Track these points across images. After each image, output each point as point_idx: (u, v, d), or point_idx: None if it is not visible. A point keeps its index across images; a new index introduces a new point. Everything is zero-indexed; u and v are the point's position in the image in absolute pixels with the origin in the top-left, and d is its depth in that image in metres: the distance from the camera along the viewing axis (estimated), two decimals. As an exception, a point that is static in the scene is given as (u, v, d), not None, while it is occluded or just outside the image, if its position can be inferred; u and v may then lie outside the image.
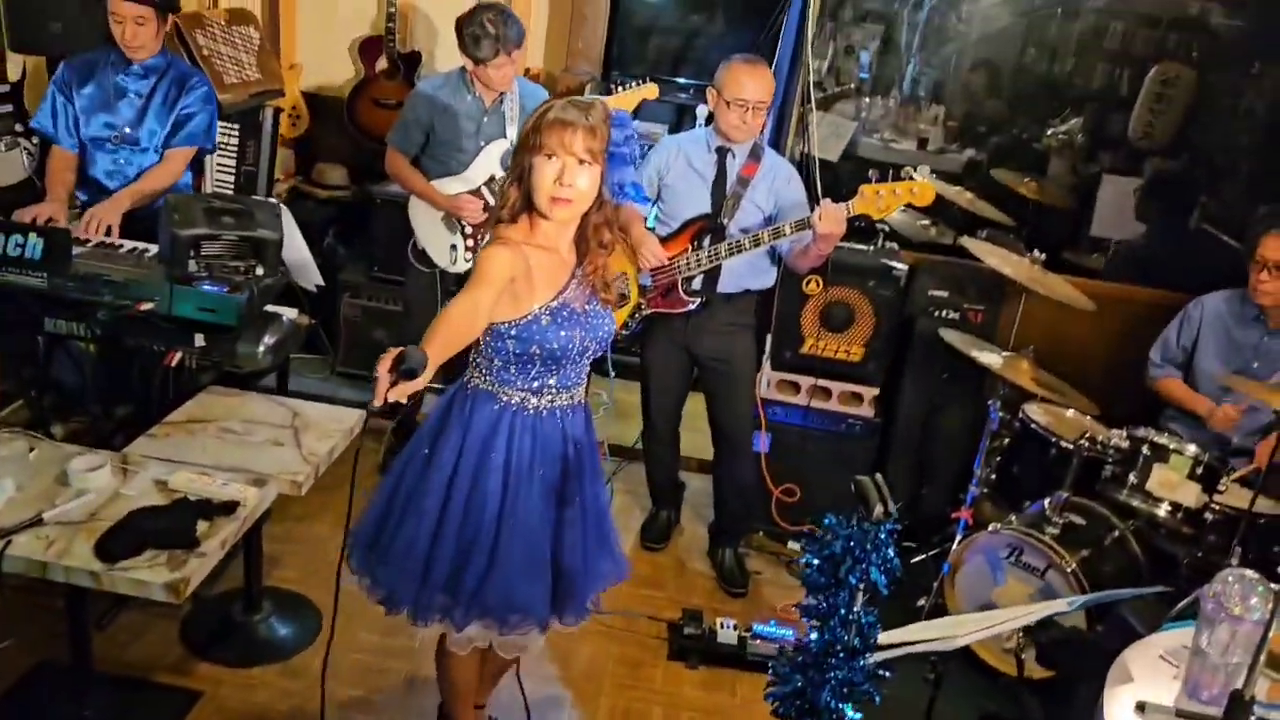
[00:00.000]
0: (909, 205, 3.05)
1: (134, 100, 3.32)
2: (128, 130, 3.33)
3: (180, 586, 2.17)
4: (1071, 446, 3.16)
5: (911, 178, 3.01)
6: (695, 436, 3.84)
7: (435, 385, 4.22)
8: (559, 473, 2.25)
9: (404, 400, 1.88)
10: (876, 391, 3.75)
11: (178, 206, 2.69)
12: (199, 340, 2.79)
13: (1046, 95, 4.54)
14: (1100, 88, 4.57)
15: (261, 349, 2.93)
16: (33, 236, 2.63)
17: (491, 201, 3.59)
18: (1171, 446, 3.07)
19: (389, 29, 4.80)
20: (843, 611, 1.61)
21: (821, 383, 3.73)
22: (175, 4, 3.27)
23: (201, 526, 2.34)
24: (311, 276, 3.16)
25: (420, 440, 2.27)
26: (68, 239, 2.68)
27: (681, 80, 4.89)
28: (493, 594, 2.17)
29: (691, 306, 3.34)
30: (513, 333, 2.11)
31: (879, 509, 1.58)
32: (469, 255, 3.69)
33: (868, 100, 4.76)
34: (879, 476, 1.68)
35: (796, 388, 3.76)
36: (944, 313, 3.79)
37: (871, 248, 3.77)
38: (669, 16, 4.97)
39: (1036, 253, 3.34)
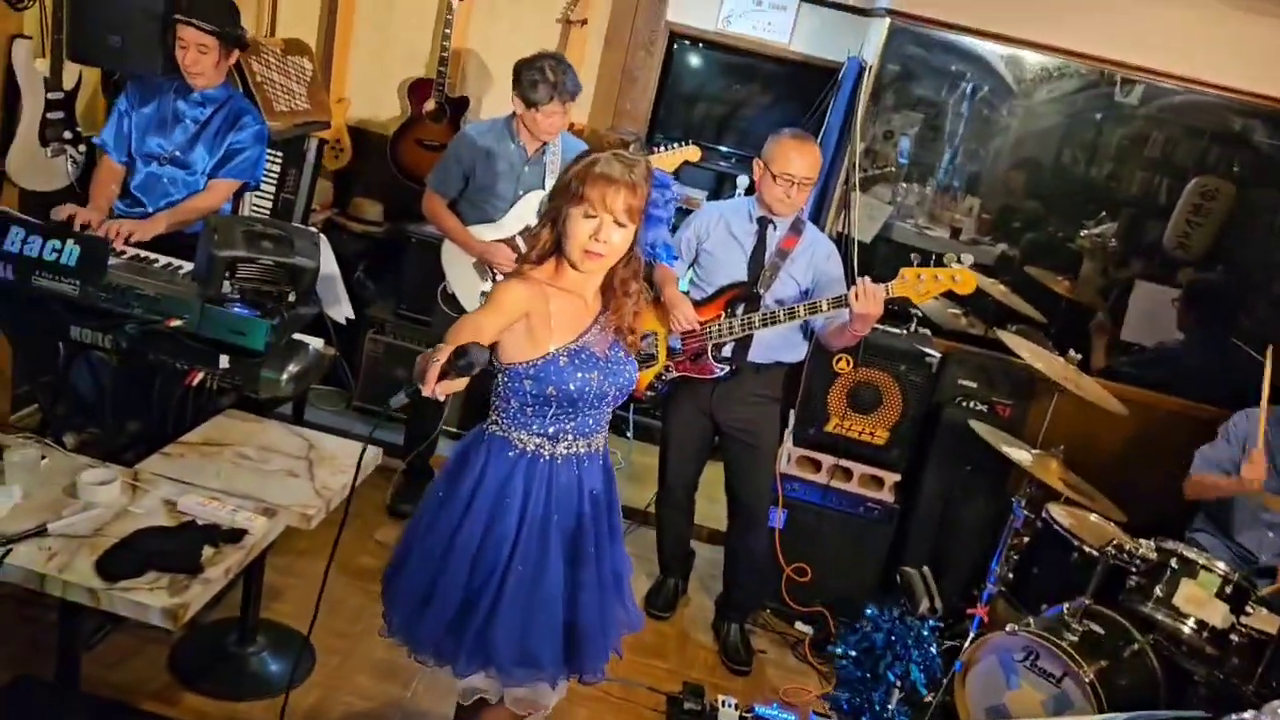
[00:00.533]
0: (947, 293, 3.02)
1: (189, 126, 3.34)
2: (178, 154, 3.33)
3: (179, 613, 2.11)
4: (1096, 553, 3.09)
5: (954, 265, 2.98)
6: (709, 505, 3.79)
7: (450, 429, 4.22)
8: (575, 527, 2.20)
9: (442, 398, 1.86)
10: (898, 477, 3.69)
11: (219, 227, 2.68)
12: (223, 362, 2.76)
13: (1083, 197, 4.53)
14: (1137, 194, 4.56)
15: (285, 377, 2.90)
16: (70, 243, 2.62)
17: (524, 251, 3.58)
18: (1201, 562, 2.99)
19: (440, 72, 4.84)
20: (876, 708, 1.54)
21: (843, 463, 3.67)
22: (242, 41, 3.28)
23: (207, 552, 2.29)
24: (343, 309, 3.14)
25: (436, 483, 2.25)
26: (105, 249, 2.66)
27: (724, 148, 4.92)
28: (498, 643, 2.11)
29: (719, 373, 3.30)
30: (530, 373, 2.09)
31: (925, 603, 1.52)
32: None
33: (904, 185, 4.77)
34: (927, 570, 1.62)
35: (817, 465, 3.71)
36: (972, 404, 3.74)
37: (904, 331, 3.74)
38: (716, 85, 5.01)
39: (1072, 352, 3.30)
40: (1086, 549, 3.18)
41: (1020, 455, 3.12)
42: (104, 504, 2.39)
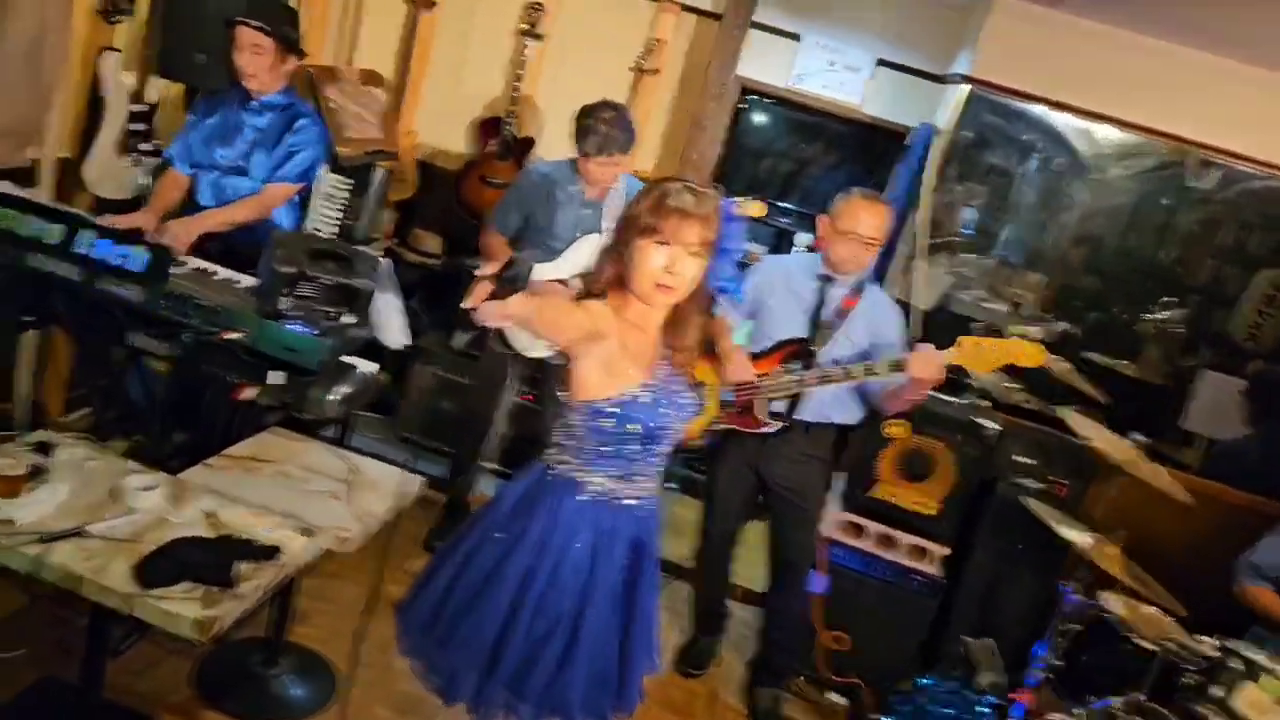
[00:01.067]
0: (1007, 366, 2.94)
1: (249, 135, 3.38)
2: (239, 163, 3.38)
3: (209, 625, 2.08)
4: (1154, 648, 2.95)
5: (1020, 337, 2.90)
6: (745, 566, 3.70)
7: (492, 466, 4.19)
8: (630, 574, 2.15)
9: (490, 324, 1.88)
10: (946, 550, 3.57)
11: (283, 242, 2.69)
12: (274, 378, 2.75)
13: (1150, 279, 4.45)
14: (1206, 282, 4.47)
15: (334, 397, 2.89)
16: (139, 249, 2.64)
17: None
18: (1265, 664, 2.85)
19: (510, 112, 4.89)
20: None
21: (889, 531, 3.57)
22: (297, 44, 3.32)
23: (242, 567, 2.25)
24: (399, 335, 3.13)
25: (493, 523, 2.17)
26: (169, 257, 2.68)
27: (787, 205, 4.89)
28: (562, 694, 2.06)
29: (769, 429, 3.24)
30: (609, 410, 2.04)
31: (989, 677, 1.43)
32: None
33: (966, 256, 4.71)
34: (992, 642, 1.54)
35: (862, 531, 3.61)
36: (1028, 481, 3.63)
37: (961, 401, 3.65)
38: (784, 142, 5.01)
39: (1139, 436, 3.19)
40: (1142, 643, 3.04)
41: (1080, 538, 3.01)
42: (145, 510, 2.37)
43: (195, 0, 3.44)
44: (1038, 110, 3.97)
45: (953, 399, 3.65)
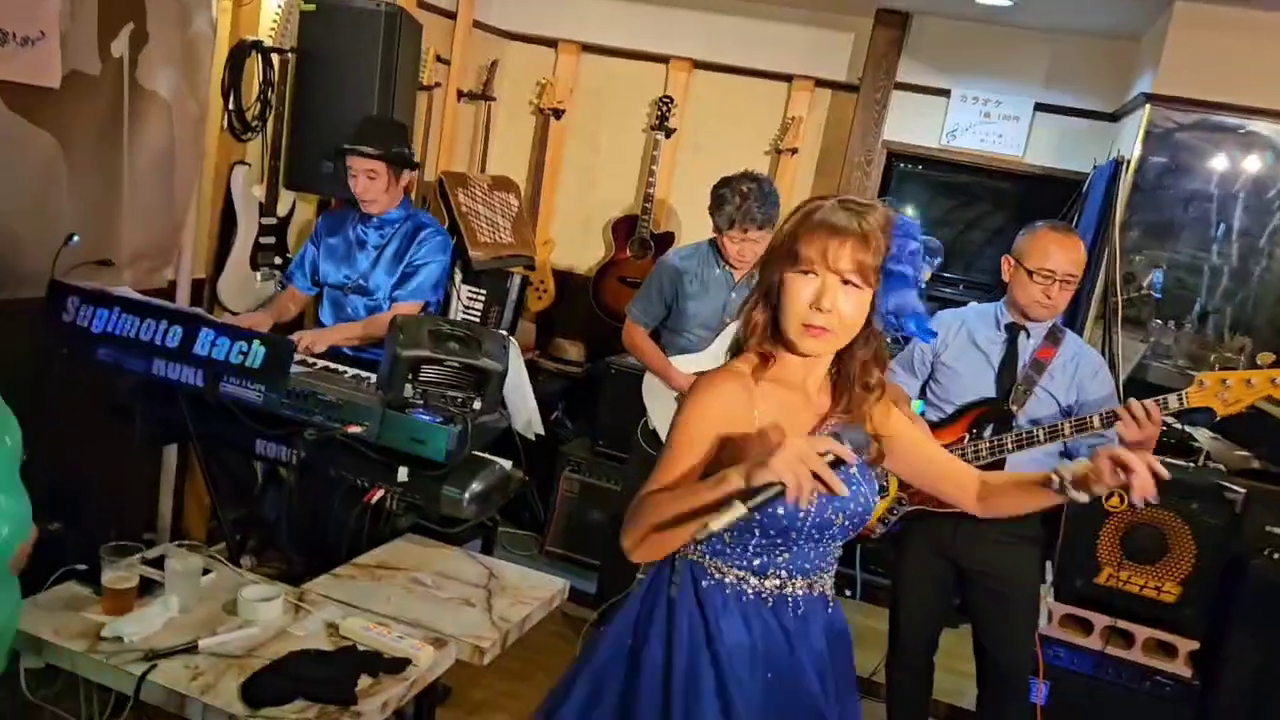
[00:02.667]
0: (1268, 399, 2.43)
1: (370, 252, 3.26)
2: (361, 281, 3.26)
3: (324, 750, 1.78)
4: None
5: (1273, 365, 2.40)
6: (948, 677, 3.17)
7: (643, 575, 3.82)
8: (791, 690, 1.71)
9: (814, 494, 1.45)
10: (1195, 645, 2.97)
11: (404, 326, 2.49)
12: (402, 474, 2.51)
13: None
14: None
15: (468, 495, 2.62)
16: (256, 344, 2.49)
17: None
18: None
19: (645, 208, 4.73)
20: None
21: (1121, 624, 3.00)
22: (410, 161, 3.18)
23: (364, 682, 1.97)
24: (533, 424, 2.88)
25: (623, 629, 1.80)
26: (289, 350, 2.53)
27: (950, 275, 4.49)
28: None
29: None
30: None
31: None
32: None
33: (1159, 322, 4.15)
34: None
35: (1087, 627, 3.05)
36: (1286, 556, 3.01)
37: (1192, 465, 3.10)
38: (941, 205, 4.62)
39: None
40: None
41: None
42: (263, 623, 2.14)
43: (322, 111, 3.41)
44: (1234, 120, 3.49)
45: (1181, 463, 3.10)
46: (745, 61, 4.65)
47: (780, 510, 1.61)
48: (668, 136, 4.72)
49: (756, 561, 1.70)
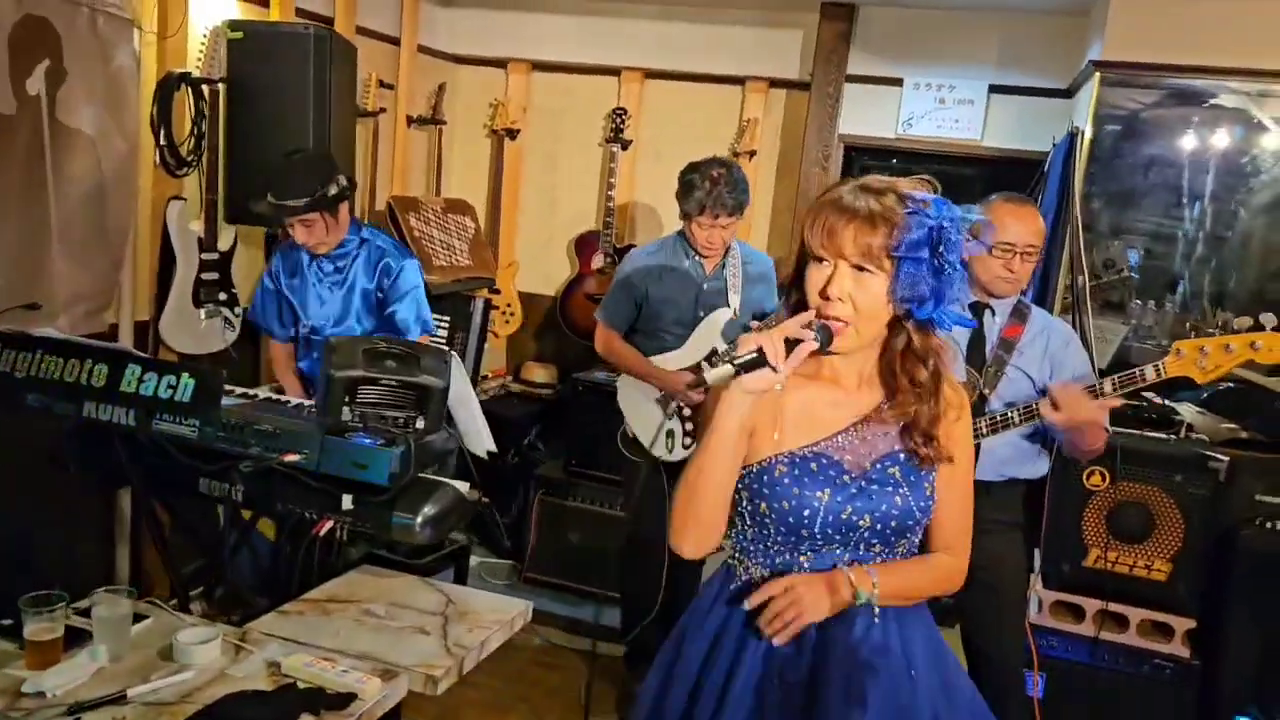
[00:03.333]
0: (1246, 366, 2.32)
1: (331, 289, 3.16)
2: (333, 321, 3.15)
3: (258, 797, 1.66)
4: None
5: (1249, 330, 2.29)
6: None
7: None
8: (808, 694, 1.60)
9: (774, 364, 1.48)
10: (1192, 624, 2.85)
11: (337, 347, 2.39)
12: (346, 502, 2.40)
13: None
14: None
15: (420, 520, 2.49)
16: (185, 376, 2.39)
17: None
18: None
19: (606, 223, 4.66)
20: None
21: (1114, 608, 2.88)
22: (341, 196, 3.03)
23: (306, 721, 1.85)
24: (483, 441, 2.76)
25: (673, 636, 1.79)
26: (219, 380, 2.42)
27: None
28: None
29: None
30: (744, 482, 1.62)
31: None
32: (687, 442, 3.22)
33: (1138, 303, 4.05)
34: None
35: (1079, 613, 2.93)
36: (1278, 524, 2.90)
37: (1173, 437, 2.99)
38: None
39: None
40: None
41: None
42: (200, 666, 2.02)
43: (258, 140, 3.32)
44: (1185, 82, 3.40)
45: (1162, 436, 3.00)
46: (697, 67, 4.60)
47: (786, 505, 1.58)
48: (625, 148, 4.65)
49: (779, 560, 1.65)
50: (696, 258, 3.25)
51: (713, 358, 3.12)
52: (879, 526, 1.60)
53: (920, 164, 4.39)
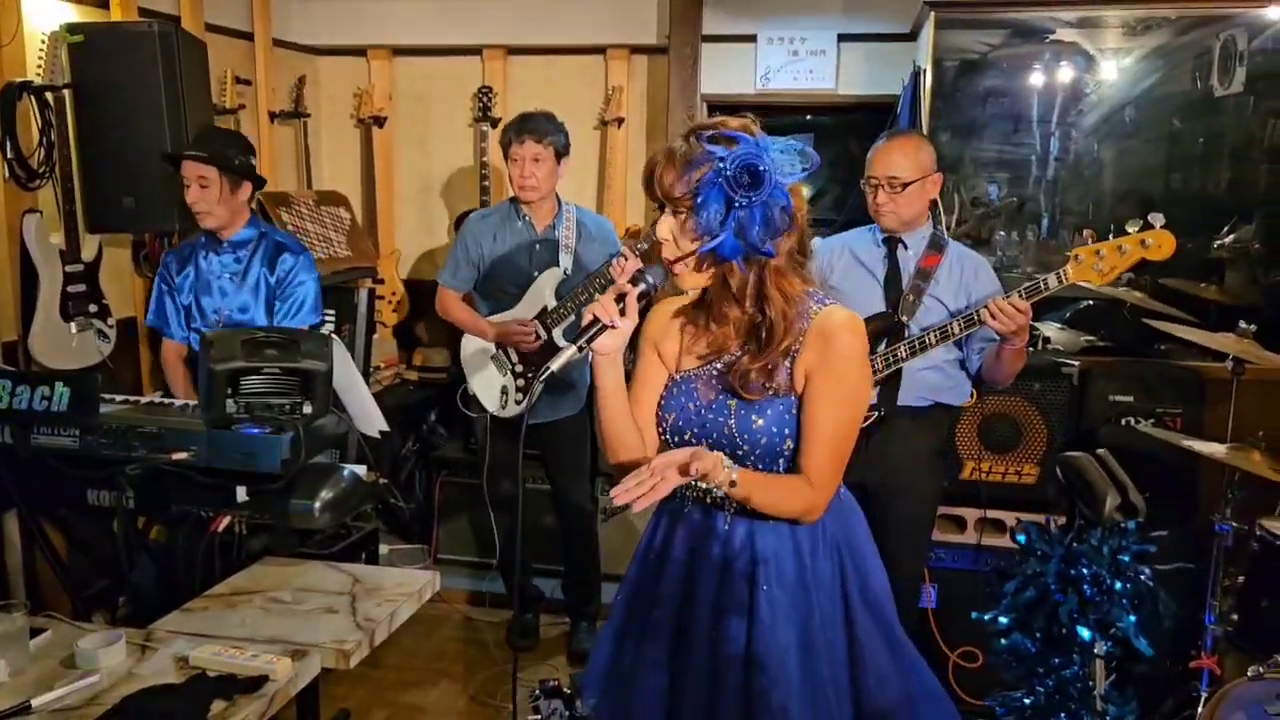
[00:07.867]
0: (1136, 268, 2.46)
1: (229, 280, 3.12)
2: (230, 314, 3.11)
3: (177, 782, 1.68)
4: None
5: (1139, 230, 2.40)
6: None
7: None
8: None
9: (612, 323, 1.63)
10: (1063, 520, 3.03)
11: (215, 340, 2.39)
12: (241, 494, 2.41)
13: (1208, 210, 3.94)
14: (1268, 188, 3.95)
15: (318, 504, 2.52)
16: (59, 386, 2.36)
17: (544, 335, 3.30)
18: None
19: (484, 201, 4.66)
20: (1073, 703, 0.98)
21: (992, 514, 3.06)
22: (246, 172, 3.05)
23: (217, 707, 1.87)
24: (374, 422, 2.79)
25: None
26: (94, 386, 2.40)
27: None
28: None
29: (866, 421, 2.73)
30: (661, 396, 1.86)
31: (1112, 499, 0.98)
32: (519, 397, 3.40)
33: (1002, 234, 4.26)
34: (1103, 452, 1.08)
35: (961, 524, 3.11)
36: (1132, 420, 3.12)
37: (1031, 349, 3.17)
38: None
39: (1244, 324, 2.70)
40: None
41: (1212, 449, 2.50)
42: (106, 670, 2.01)
43: (113, 145, 3.25)
44: (1014, 16, 3.60)
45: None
46: (557, 39, 4.62)
47: (670, 416, 1.79)
48: (494, 126, 4.66)
49: None
50: (528, 218, 3.39)
51: (544, 316, 3.30)
52: (729, 452, 1.69)
53: (782, 116, 4.53)
